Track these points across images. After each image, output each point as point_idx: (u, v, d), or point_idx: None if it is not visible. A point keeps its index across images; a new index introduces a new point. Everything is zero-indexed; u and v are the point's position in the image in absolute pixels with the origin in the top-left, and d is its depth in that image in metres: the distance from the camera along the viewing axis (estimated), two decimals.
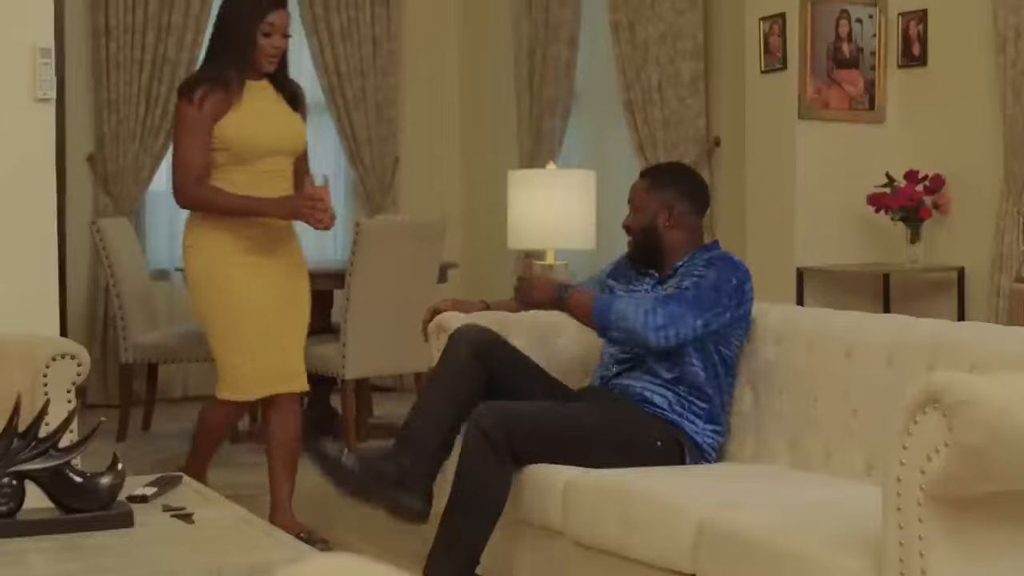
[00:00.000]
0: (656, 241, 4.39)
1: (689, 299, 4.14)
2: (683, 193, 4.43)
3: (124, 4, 8.80)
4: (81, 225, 8.44)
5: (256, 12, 4.89)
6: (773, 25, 6.73)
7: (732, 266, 4.25)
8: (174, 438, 7.59)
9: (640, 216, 4.44)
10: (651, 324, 4.09)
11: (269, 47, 4.92)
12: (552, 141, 8.66)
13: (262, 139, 4.95)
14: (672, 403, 4.19)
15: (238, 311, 4.98)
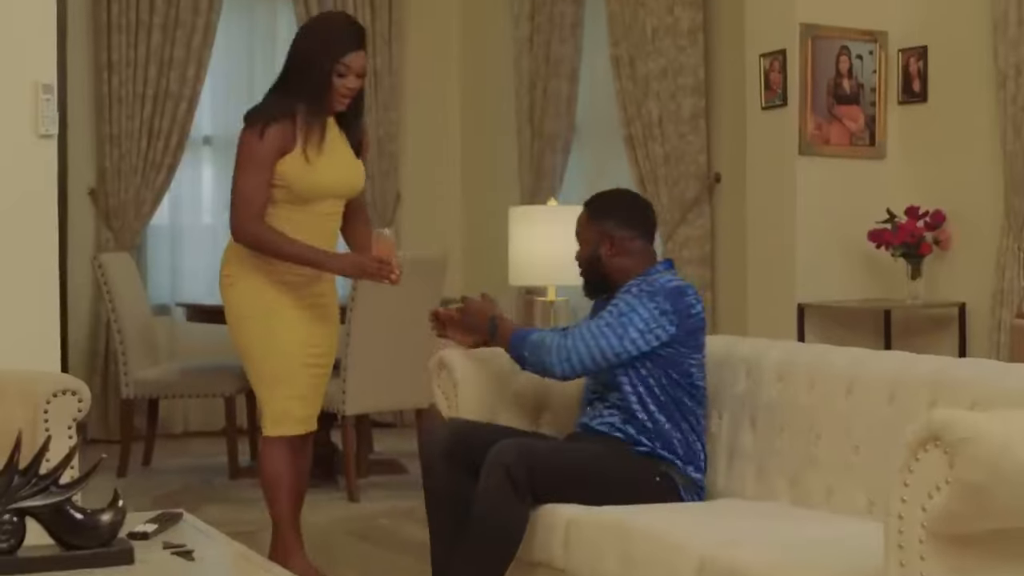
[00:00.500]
0: (602, 271, 4.38)
1: (595, 329, 4.17)
2: (623, 220, 4.40)
3: (126, 39, 8.83)
4: (83, 260, 8.45)
5: (334, 51, 4.73)
6: (774, 61, 6.74)
7: (650, 293, 4.19)
8: (174, 474, 7.59)
9: (584, 248, 4.44)
10: (556, 355, 4.16)
11: (343, 88, 4.76)
12: (553, 177, 8.67)
13: (325, 181, 4.81)
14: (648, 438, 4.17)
15: (283, 343, 4.83)
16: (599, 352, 4.15)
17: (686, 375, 4.22)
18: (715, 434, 4.35)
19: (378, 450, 7.93)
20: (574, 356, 4.15)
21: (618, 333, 4.14)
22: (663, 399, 4.18)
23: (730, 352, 4.43)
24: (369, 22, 9.42)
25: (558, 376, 4.22)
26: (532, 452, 4.01)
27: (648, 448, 4.17)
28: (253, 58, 9.42)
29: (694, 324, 4.22)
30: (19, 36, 4.90)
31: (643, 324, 4.14)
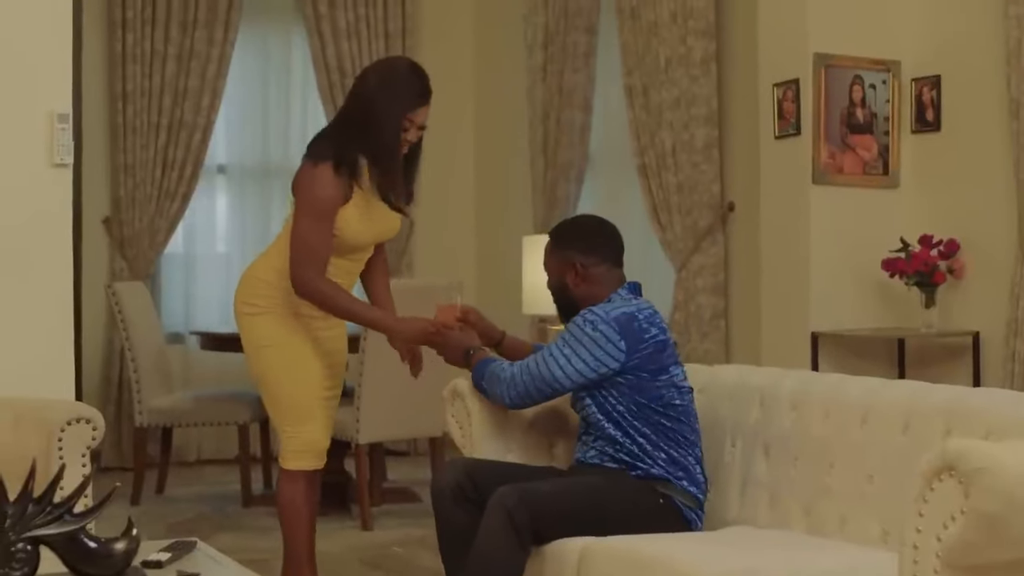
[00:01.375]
0: (569, 299, 4.38)
1: (539, 359, 4.22)
2: (586, 248, 4.38)
3: (141, 69, 8.87)
4: (97, 288, 8.46)
5: (404, 104, 4.58)
6: (787, 91, 6.75)
7: (594, 323, 4.16)
8: (188, 502, 7.59)
9: (551, 277, 4.45)
10: (502, 386, 4.26)
11: (404, 141, 4.63)
12: (566, 206, 8.68)
13: (368, 235, 4.70)
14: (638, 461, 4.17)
15: (305, 373, 4.69)
16: (542, 381, 4.19)
17: (656, 398, 4.19)
18: (728, 463, 4.35)
19: (391, 478, 7.93)
20: (520, 386, 4.23)
21: (560, 363, 4.16)
22: (638, 423, 4.17)
23: (744, 381, 4.42)
24: (382, 51, 9.45)
25: (508, 405, 4.32)
26: (534, 496, 3.99)
27: (642, 471, 4.17)
28: (267, 88, 9.45)
29: (649, 348, 4.19)
30: (35, 66, 4.93)
31: (587, 353, 4.14)
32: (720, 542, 3.94)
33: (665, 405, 4.20)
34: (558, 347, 4.19)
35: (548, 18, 8.79)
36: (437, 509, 4.24)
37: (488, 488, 4.08)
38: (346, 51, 9.35)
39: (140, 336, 7.62)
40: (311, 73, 9.41)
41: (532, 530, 3.96)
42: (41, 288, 4.84)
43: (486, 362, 4.39)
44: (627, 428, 4.18)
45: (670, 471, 4.16)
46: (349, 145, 4.56)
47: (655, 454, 4.17)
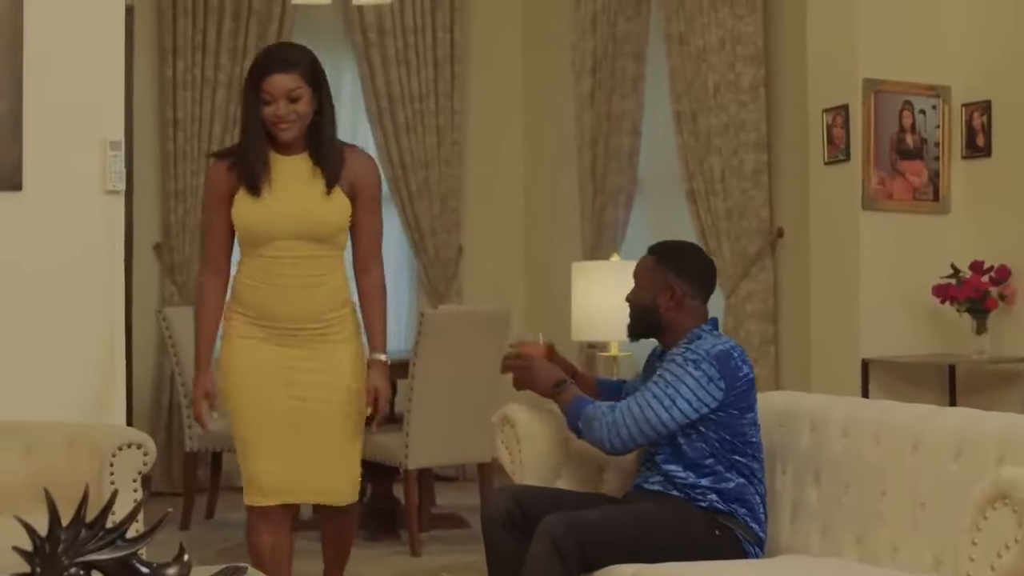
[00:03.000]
0: (655, 320, 4.36)
1: (642, 402, 4.13)
2: (690, 276, 4.37)
3: (192, 96, 8.92)
4: (147, 313, 8.51)
5: (253, 80, 4.49)
6: (836, 116, 6.74)
7: (694, 360, 4.14)
8: (238, 527, 7.60)
9: (642, 293, 4.39)
10: (606, 431, 4.13)
11: (271, 116, 4.44)
12: (615, 231, 8.68)
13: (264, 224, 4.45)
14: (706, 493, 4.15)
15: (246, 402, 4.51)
16: (647, 425, 4.12)
17: (739, 435, 4.18)
18: (779, 489, 4.33)
19: (440, 504, 7.93)
20: (623, 431, 4.13)
21: (665, 404, 4.11)
22: (716, 458, 4.15)
23: (794, 407, 4.40)
24: (431, 77, 9.49)
25: (608, 451, 4.20)
26: (581, 524, 3.97)
27: (705, 503, 4.15)
28: None
29: (743, 386, 4.19)
30: (89, 94, 4.98)
31: (690, 393, 4.11)
32: (772, 570, 3.92)
33: (745, 442, 4.20)
34: (660, 388, 4.13)
35: (596, 44, 8.80)
36: (486, 535, 4.24)
37: (537, 515, 4.08)
38: (395, 78, 9.39)
39: (190, 361, 7.61)
40: (360, 100, 9.45)
41: (579, 558, 3.94)
42: (94, 313, 4.88)
43: (580, 402, 4.28)
44: (703, 462, 4.15)
45: (734, 506, 4.15)
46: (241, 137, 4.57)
47: (725, 489, 4.15)
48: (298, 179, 4.48)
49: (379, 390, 4.55)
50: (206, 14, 8.95)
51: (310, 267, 4.49)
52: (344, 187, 4.51)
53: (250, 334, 4.53)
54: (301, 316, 4.49)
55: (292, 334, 4.49)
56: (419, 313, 7.02)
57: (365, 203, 4.58)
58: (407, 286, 9.69)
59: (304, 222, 4.45)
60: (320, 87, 4.57)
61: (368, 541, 7.17)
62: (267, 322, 4.49)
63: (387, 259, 9.64)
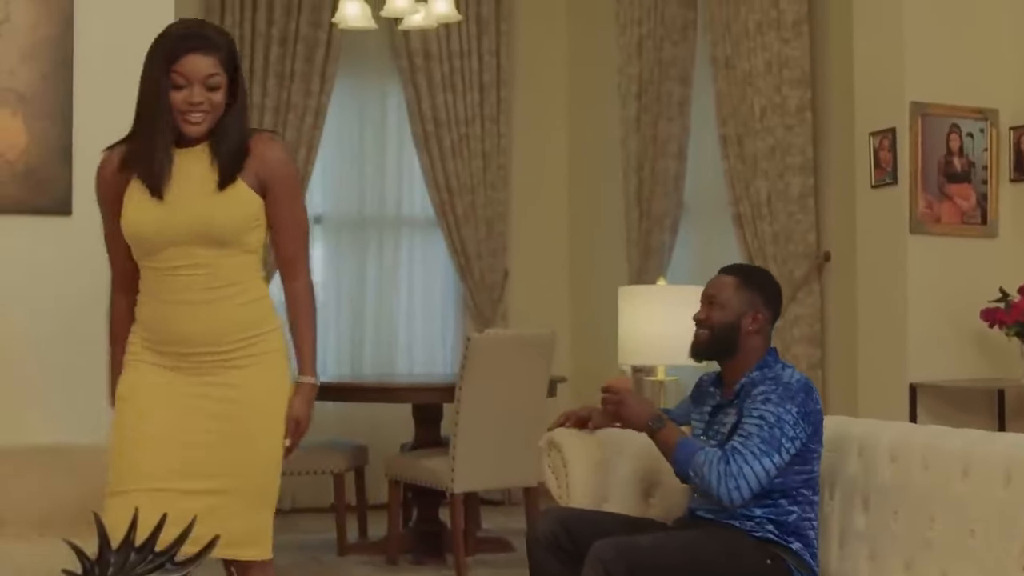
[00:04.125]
0: (733, 342, 4.28)
1: (754, 449, 4.01)
2: (769, 300, 4.34)
3: None
4: None
5: (162, 58, 3.76)
6: (883, 140, 6.72)
7: (789, 396, 4.08)
8: (284, 550, 7.61)
9: (724, 312, 4.30)
10: (724, 485, 3.98)
11: (182, 102, 3.76)
12: (661, 255, 8.67)
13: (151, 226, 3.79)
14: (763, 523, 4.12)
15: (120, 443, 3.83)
16: (764, 474, 4.01)
17: (808, 467, 4.16)
18: (827, 515, 4.30)
19: (486, 527, 7.93)
20: (743, 483, 3.99)
21: (775, 447, 4.02)
22: (785, 490, 4.13)
23: (842, 432, 4.38)
24: (477, 101, 9.52)
25: (727, 504, 4.03)
26: (633, 549, 3.93)
27: (760, 533, 4.12)
28: (363, 139, 9.54)
29: (819, 418, 4.17)
30: None
31: (791, 431, 4.04)
32: None
33: (809, 473, 4.17)
34: (767, 431, 4.03)
35: (642, 68, 8.81)
36: (531, 557, 4.23)
37: (583, 538, 4.07)
38: (441, 103, 9.43)
39: None
40: (406, 124, 9.49)
41: None
42: None
43: (689, 447, 4.12)
44: (770, 495, 4.12)
45: (790, 539, 4.12)
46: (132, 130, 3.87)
47: (784, 521, 4.12)
48: (192, 175, 3.81)
49: (299, 421, 4.07)
50: (253, 40, 9.01)
51: (210, 278, 3.83)
52: (250, 180, 3.84)
53: (142, 358, 3.89)
54: (200, 338, 3.82)
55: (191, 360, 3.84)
56: (465, 337, 7.03)
57: (280, 195, 3.90)
58: (453, 310, 9.72)
59: (198, 224, 3.78)
60: (236, 76, 3.85)
61: (414, 564, 7.18)
62: (161, 346, 3.84)
63: (434, 283, 9.71)
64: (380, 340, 9.52)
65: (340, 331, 9.45)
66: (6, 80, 4.95)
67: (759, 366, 4.25)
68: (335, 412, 9.05)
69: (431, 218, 9.55)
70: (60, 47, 5.01)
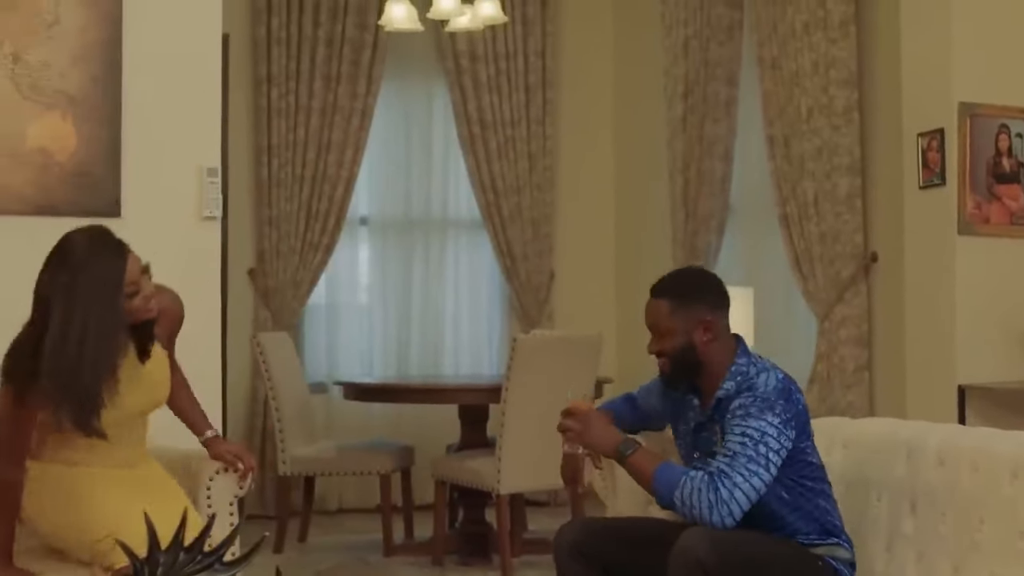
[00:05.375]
0: (695, 361, 4.13)
1: (742, 471, 3.90)
2: (712, 302, 4.16)
3: (286, 123, 9.02)
4: (242, 338, 8.59)
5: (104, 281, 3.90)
6: (932, 140, 6.68)
7: (768, 407, 3.97)
8: (330, 551, 7.65)
9: (672, 340, 4.12)
10: (717, 513, 3.87)
11: (142, 302, 4.01)
12: (707, 256, 8.65)
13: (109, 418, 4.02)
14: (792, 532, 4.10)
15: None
16: (754, 492, 3.93)
17: (803, 462, 4.10)
18: (874, 518, 4.28)
19: (532, 529, 7.93)
20: (735, 508, 3.89)
21: (763, 464, 3.93)
22: (791, 489, 4.08)
23: (890, 435, 4.36)
24: (523, 103, 9.53)
25: (718, 528, 3.90)
26: (723, 540, 3.87)
27: (802, 539, 4.10)
28: (409, 141, 9.56)
29: (804, 416, 4.10)
30: (187, 123, 5.06)
31: (775, 443, 3.95)
32: None
33: (806, 465, 4.12)
34: (751, 448, 3.92)
35: (688, 69, 8.79)
36: (557, 565, 4.24)
37: (609, 549, 4.14)
38: (487, 104, 9.44)
39: (284, 386, 7.71)
40: (452, 126, 9.51)
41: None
42: (191, 338, 4.92)
43: (671, 474, 4.00)
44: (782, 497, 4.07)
45: (822, 536, 4.10)
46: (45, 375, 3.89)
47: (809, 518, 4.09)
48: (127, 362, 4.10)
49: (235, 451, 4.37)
50: (300, 42, 9.05)
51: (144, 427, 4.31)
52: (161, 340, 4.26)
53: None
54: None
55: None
56: (511, 338, 7.04)
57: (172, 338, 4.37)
58: (499, 312, 9.72)
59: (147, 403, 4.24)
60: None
61: (460, 565, 7.19)
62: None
63: (480, 284, 9.73)
64: (426, 341, 9.54)
65: (386, 333, 9.47)
66: (57, 83, 4.98)
67: (732, 375, 4.12)
68: (381, 413, 9.08)
69: (477, 219, 9.56)
70: (109, 50, 5.04)
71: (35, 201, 4.93)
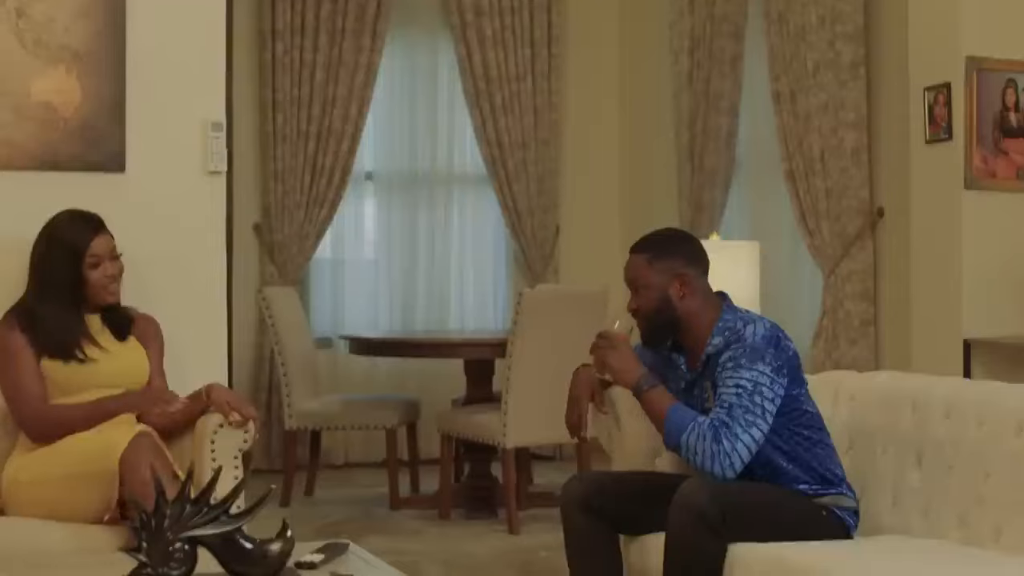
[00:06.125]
0: (671, 316, 4.15)
1: (741, 422, 3.92)
2: (688, 257, 4.20)
3: (291, 78, 8.99)
4: (247, 293, 8.60)
5: (75, 247, 4.43)
6: (938, 95, 6.66)
7: (759, 356, 3.98)
8: (336, 504, 7.68)
9: (648, 294, 4.17)
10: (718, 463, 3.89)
11: (100, 278, 4.45)
12: (713, 211, 8.64)
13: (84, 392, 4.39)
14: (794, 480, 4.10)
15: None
16: (753, 443, 3.94)
17: (798, 410, 4.10)
18: (880, 471, 4.29)
19: (537, 482, 7.95)
20: (736, 459, 3.91)
21: (759, 414, 3.94)
22: (788, 439, 4.08)
23: (896, 388, 4.36)
24: (528, 58, 9.49)
25: (719, 479, 3.93)
26: (724, 491, 3.89)
27: (804, 486, 4.11)
28: (414, 96, 9.53)
29: (796, 362, 4.11)
30: (190, 77, 5.04)
31: (769, 392, 3.96)
32: (873, 551, 3.90)
33: (802, 414, 4.12)
34: (746, 399, 3.94)
35: (694, 24, 8.76)
36: (565, 520, 4.26)
37: (615, 502, 4.18)
38: (492, 59, 9.41)
39: (290, 340, 7.72)
40: (457, 81, 9.48)
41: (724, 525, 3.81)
42: (196, 293, 4.94)
43: (682, 416, 4.02)
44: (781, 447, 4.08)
45: (824, 486, 4.10)
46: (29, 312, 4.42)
47: (810, 468, 4.10)
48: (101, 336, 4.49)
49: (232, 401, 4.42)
50: None
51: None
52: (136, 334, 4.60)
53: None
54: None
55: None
56: (517, 293, 7.04)
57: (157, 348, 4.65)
58: (504, 266, 9.73)
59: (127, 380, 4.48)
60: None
61: (466, 519, 7.21)
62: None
63: (485, 239, 9.74)
64: (432, 296, 9.54)
65: (392, 287, 9.47)
66: (61, 37, 4.97)
67: (719, 331, 4.12)
68: (387, 368, 9.09)
69: (482, 175, 9.55)
70: (113, 4, 5.02)
71: (39, 156, 4.92)
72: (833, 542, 3.98)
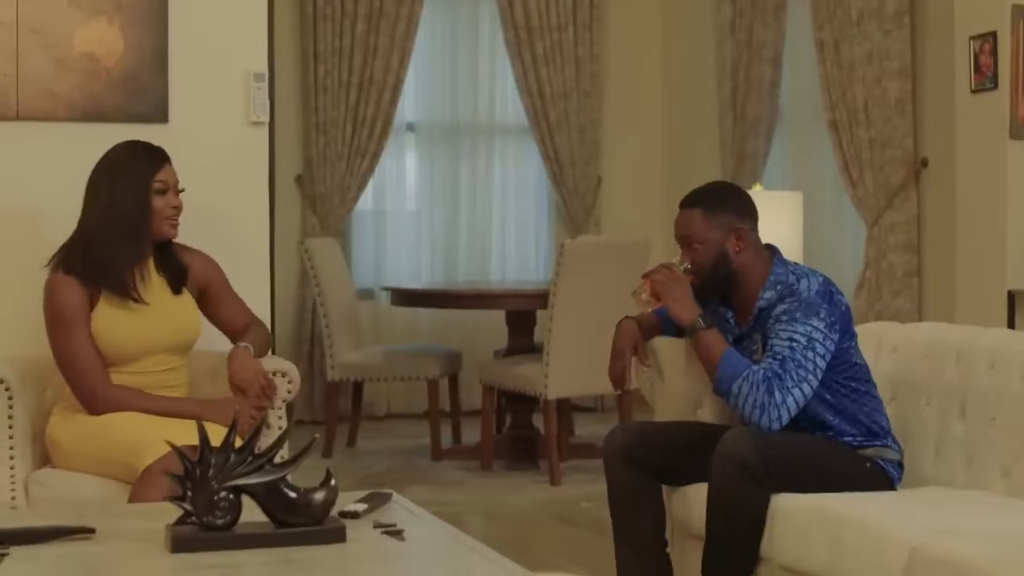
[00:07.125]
0: (727, 271, 4.12)
1: (794, 375, 3.92)
2: (742, 211, 4.17)
3: (332, 29, 8.98)
4: (289, 245, 8.62)
5: (140, 171, 4.25)
6: (984, 44, 6.60)
7: (813, 312, 3.97)
8: (378, 455, 7.72)
9: (705, 249, 4.11)
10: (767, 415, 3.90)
11: (166, 207, 4.25)
12: (755, 161, 8.60)
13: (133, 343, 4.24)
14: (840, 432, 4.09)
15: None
16: (803, 398, 3.95)
17: (848, 363, 4.10)
18: (924, 422, 4.27)
19: (579, 434, 7.97)
20: (784, 413, 3.92)
21: (811, 369, 3.94)
22: (835, 391, 4.07)
23: (939, 340, 4.34)
24: (570, 8, 9.46)
25: (767, 431, 3.93)
26: (767, 442, 3.89)
27: (850, 438, 4.10)
28: (456, 47, 9.52)
29: (848, 317, 4.10)
30: (233, 27, 5.03)
31: (822, 348, 3.96)
32: (915, 502, 3.89)
33: (852, 367, 4.12)
34: (800, 354, 3.94)
35: None
36: (607, 469, 4.27)
37: (658, 453, 4.18)
38: (533, 8, 9.37)
39: (332, 292, 7.74)
40: (499, 31, 9.45)
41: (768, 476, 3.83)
42: (239, 244, 4.94)
43: (736, 362, 4.00)
44: (829, 401, 4.07)
45: (869, 438, 4.09)
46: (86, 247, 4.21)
47: (856, 420, 4.09)
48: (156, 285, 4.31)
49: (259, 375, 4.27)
50: None
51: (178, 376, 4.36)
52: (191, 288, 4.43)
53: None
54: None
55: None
56: (559, 244, 7.03)
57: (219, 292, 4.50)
58: (546, 217, 9.72)
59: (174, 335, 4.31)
60: None
61: (507, 470, 7.23)
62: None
63: (527, 190, 9.72)
64: (473, 247, 9.55)
65: (434, 239, 9.48)
66: None
67: (771, 284, 4.11)
68: (429, 319, 9.10)
69: (524, 126, 9.52)
70: None
71: (82, 107, 4.93)
72: (874, 493, 3.97)
